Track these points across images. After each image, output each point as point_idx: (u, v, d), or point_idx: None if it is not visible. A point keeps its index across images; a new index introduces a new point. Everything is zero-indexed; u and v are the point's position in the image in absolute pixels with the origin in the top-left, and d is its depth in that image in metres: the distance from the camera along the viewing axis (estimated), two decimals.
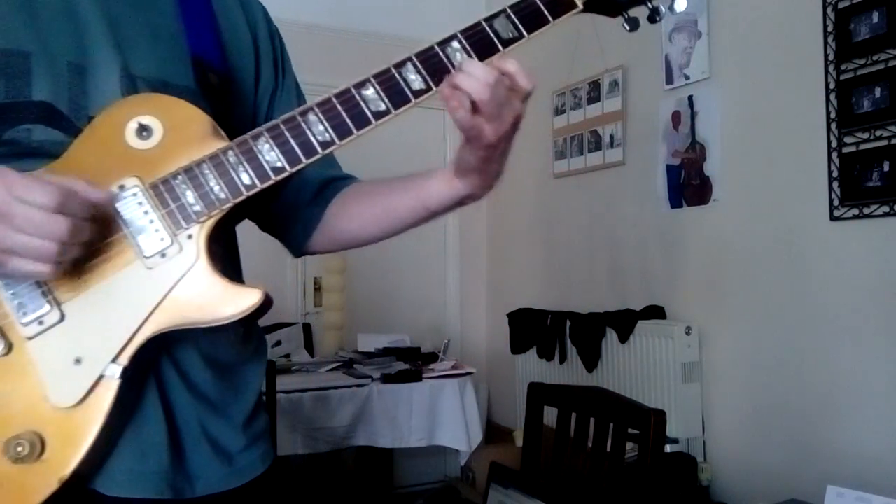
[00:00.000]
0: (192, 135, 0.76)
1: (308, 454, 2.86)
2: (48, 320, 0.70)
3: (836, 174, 2.37)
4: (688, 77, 2.93)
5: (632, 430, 1.69)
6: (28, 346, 0.70)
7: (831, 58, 2.38)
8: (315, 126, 0.77)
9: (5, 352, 0.70)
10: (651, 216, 3.15)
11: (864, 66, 2.29)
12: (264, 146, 0.76)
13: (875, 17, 2.25)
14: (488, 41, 0.80)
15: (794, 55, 2.53)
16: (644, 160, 3.17)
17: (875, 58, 2.25)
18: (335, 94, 0.78)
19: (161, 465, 0.77)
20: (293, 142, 0.77)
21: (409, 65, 0.79)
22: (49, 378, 0.70)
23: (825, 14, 2.39)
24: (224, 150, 0.76)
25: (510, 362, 3.77)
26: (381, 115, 0.78)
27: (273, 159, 0.76)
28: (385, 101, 0.78)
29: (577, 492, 1.79)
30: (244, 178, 0.76)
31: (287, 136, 0.77)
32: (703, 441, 2.85)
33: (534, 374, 3.50)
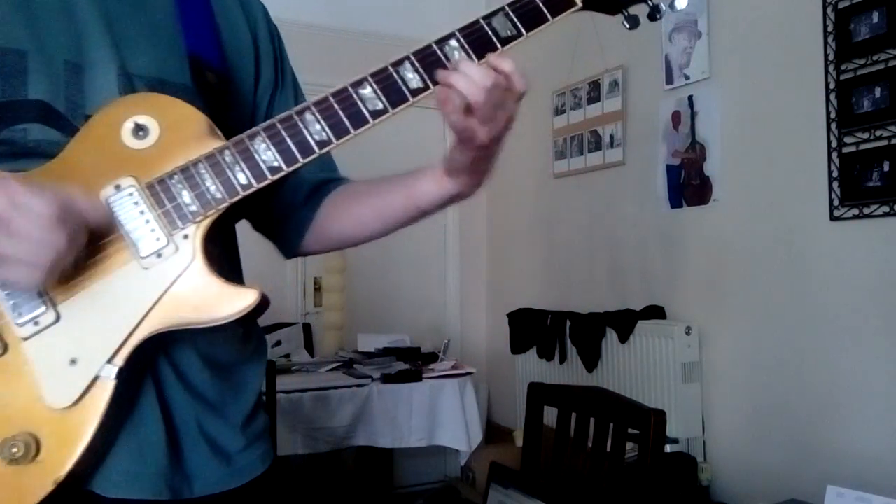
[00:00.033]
0: (189, 134, 0.76)
1: (308, 454, 2.86)
2: (44, 321, 0.70)
3: (836, 174, 2.37)
4: (688, 77, 2.93)
5: (632, 430, 1.69)
6: (24, 346, 0.70)
7: (831, 58, 2.38)
8: (312, 125, 0.77)
9: (1, 352, 0.70)
10: (651, 216, 3.14)
11: (864, 66, 2.28)
12: (261, 145, 0.76)
13: (875, 17, 2.25)
14: (487, 39, 0.80)
15: (794, 55, 2.52)
16: (644, 160, 3.17)
17: (875, 58, 2.25)
18: (332, 92, 0.78)
19: (158, 466, 0.77)
20: (290, 141, 0.76)
21: (406, 63, 0.79)
22: (44, 379, 0.70)
23: (825, 14, 2.39)
24: (220, 149, 0.75)
25: (510, 362, 3.77)
26: (378, 115, 0.78)
27: (270, 159, 0.76)
28: (382, 100, 0.78)
29: (577, 492, 1.78)
30: (240, 177, 0.75)
31: (284, 135, 0.76)
32: (703, 441, 2.84)
33: (534, 374, 3.50)
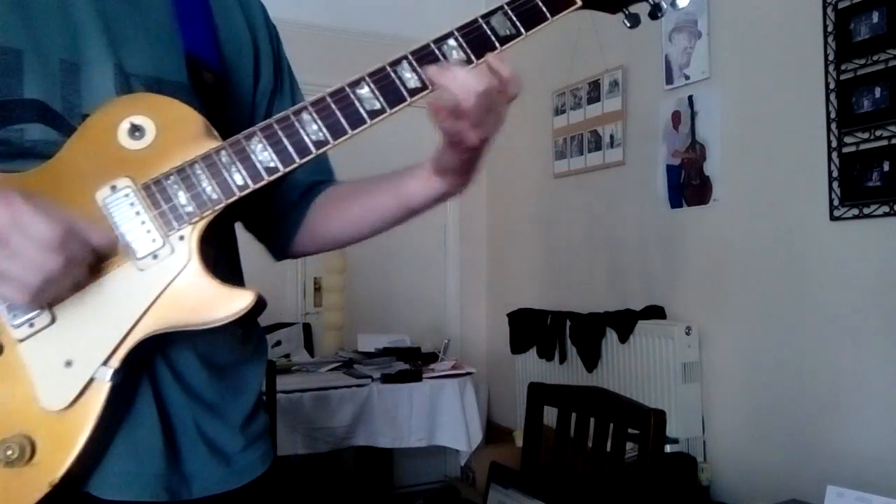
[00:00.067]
0: (186, 135, 0.75)
1: (308, 454, 2.86)
2: (39, 322, 0.70)
3: (836, 174, 2.36)
4: (688, 77, 2.92)
5: (632, 430, 1.69)
6: (19, 348, 0.70)
7: (831, 58, 2.37)
8: (309, 125, 0.76)
9: None
10: (651, 216, 3.14)
11: (864, 66, 2.28)
12: (257, 146, 0.75)
13: (875, 17, 2.24)
14: (485, 39, 0.79)
15: (794, 55, 2.52)
16: (644, 160, 3.16)
17: (875, 58, 2.24)
18: (329, 92, 0.77)
19: (156, 467, 0.76)
20: (286, 141, 0.76)
21: (404, 63, 0.78)
22: (39, 381, 0.69)
23: (825, 14, 2.38)
24: (217, 150, 0.75)
25: (510, 362, 3.77)
26: (375, 114, 0.77)
27: (266, 159, 0.75)
28: (380, 100, 0.77)
29: (577, 492, 1.78)
30: (237, 178, 0.75)
31: (280, 135, 0.76)
32: (703, 441, 2.84)
33: (534, 374, 3.49)
